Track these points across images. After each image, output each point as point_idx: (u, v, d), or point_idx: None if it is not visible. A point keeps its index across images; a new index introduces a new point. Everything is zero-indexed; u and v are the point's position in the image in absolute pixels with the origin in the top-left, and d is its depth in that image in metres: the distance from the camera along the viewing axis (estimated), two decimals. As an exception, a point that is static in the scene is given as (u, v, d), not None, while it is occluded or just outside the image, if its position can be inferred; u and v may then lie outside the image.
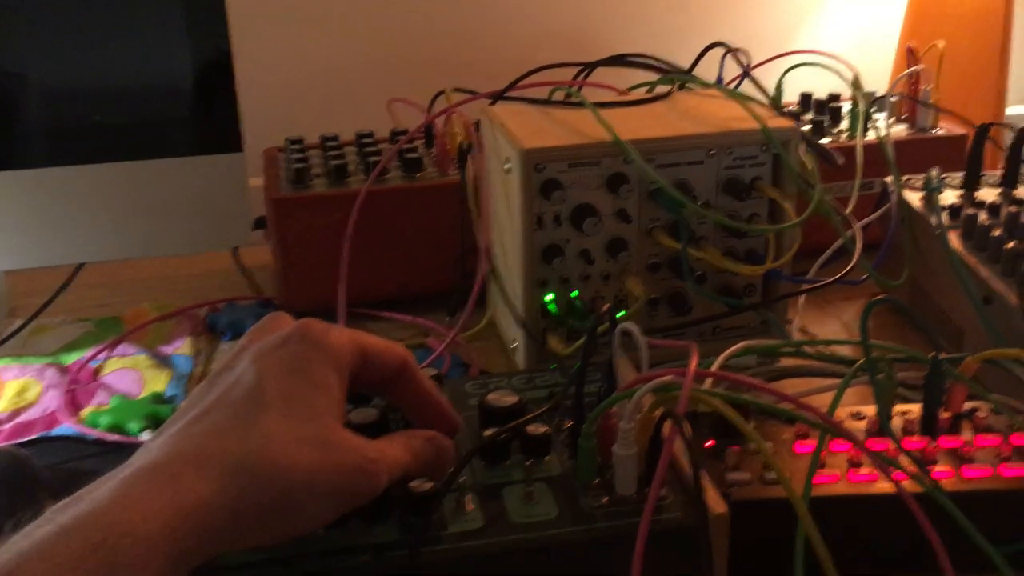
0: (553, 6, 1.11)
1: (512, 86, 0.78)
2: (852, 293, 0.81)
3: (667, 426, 0.45)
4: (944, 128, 0.91)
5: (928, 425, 0.55)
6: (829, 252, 0.76)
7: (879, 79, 1.11)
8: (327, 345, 0.42)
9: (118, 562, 0.33)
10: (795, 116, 0.90)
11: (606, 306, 0.50)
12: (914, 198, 0.76)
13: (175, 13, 0.67)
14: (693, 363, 0.46)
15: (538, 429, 0.50)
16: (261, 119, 0.96)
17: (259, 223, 0.81)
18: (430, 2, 1.08)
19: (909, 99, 0.92)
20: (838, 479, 0.51)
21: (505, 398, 0.53)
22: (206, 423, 0.39)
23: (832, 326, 0.79)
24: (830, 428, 0.47)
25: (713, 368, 0.56)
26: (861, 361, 0.53)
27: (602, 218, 0.67)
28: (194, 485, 0.36)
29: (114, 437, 0.64)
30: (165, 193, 0.70)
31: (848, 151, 0.82)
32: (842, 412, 0.56)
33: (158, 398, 0.68)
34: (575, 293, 0.69)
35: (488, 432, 0.50)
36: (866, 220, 0.76)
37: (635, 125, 0.69)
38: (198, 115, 0.69)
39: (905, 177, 0.79)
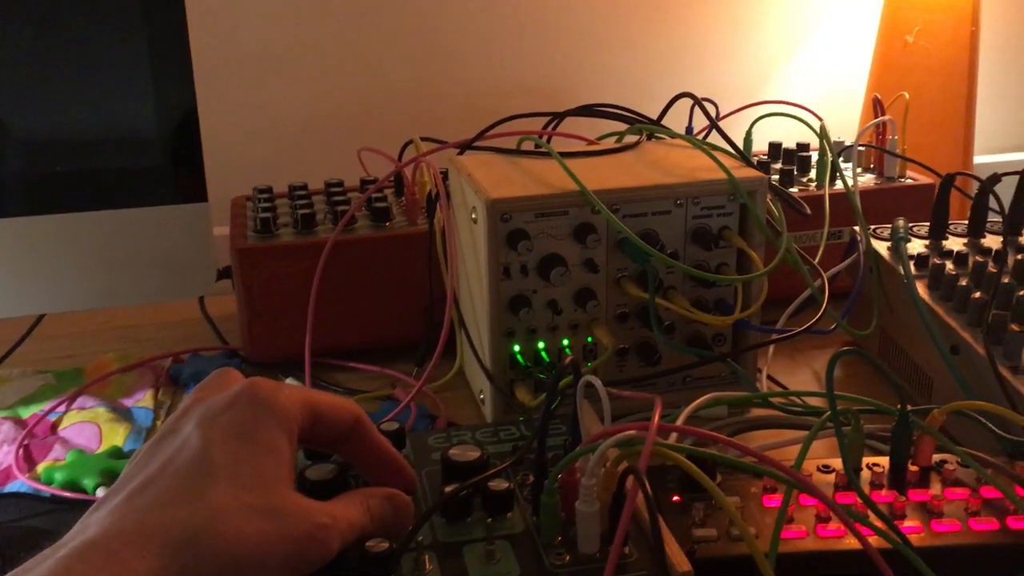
0: (524, 57, 1.12)
1: (480, 136, 0.78)
2: (823, 342, 0.81)
3: (630, 481, 0.44)
4: (911, 178, 0.91)
5: (896, 478, 0.54)
6: (798, 301, 0.76)
7: (848, 129, 1.12)
8: (276, 406, 0.41)
9: None
10: (764, 165, 0.91)
11: (568, 358, 0.50)
12: (882, 247, 0.77)
13: (140, 63, 0.66)
14: (656, 417, 0.46)
15: (500, 485, 0.49)
16: (232, 168, 0.96)
17: (223, 273, 0.80)
18: (403, 52, 1.08)
19: (876, 149, 0.92)
20: (806, 535, 0.50)
21: (467, 453, 0.52)
22: (148, 495, 0.38)
23: (803, 375, 0.79)
24: (796, 483, 0.46)
25: (679, 420, 0.56)
26: (826, 414, 0.52)
27: (570, 268, 0.67)
28: (134, 565, 0.35)
29: (69, 494, 0.63)
30: (128, 243, 0.69)
31: (817, 200, 0.82)
32: (810, 465, 0.56)
33: (116, 453, 0.67)
34: (542, 344, 0.69)
35: (449, 488, 0.49)
36: (834, 270, 0.76)
37: (602, 175, 0.69)
38: (162, 165, 0.69)
39: (873, 227, 0.79)
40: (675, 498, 0.53)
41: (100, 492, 0.62)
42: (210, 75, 0.94)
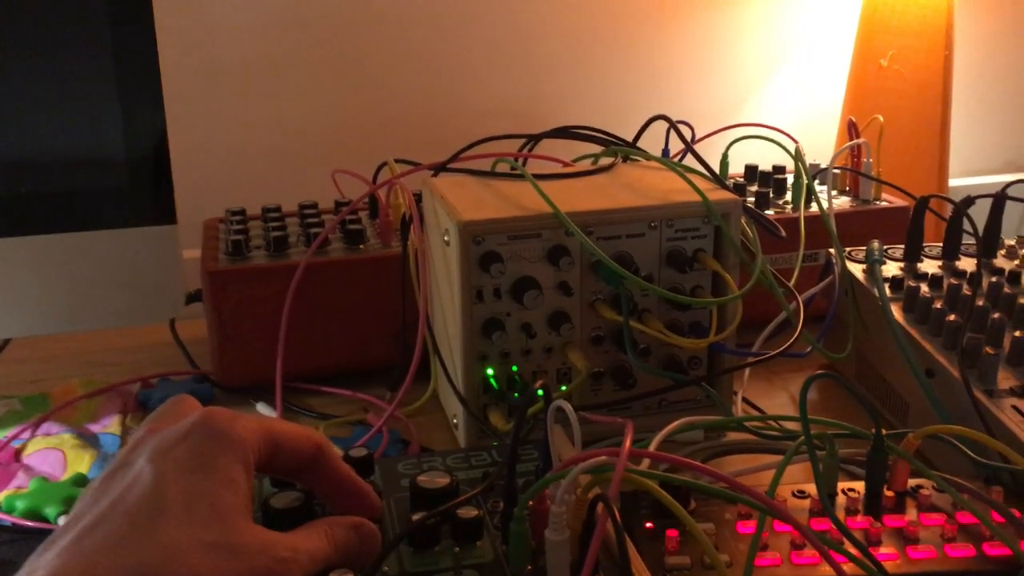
0: (501, 79, 1.12)
1: (454, 158, 0.77)
2: (799, 365, 0.81)
3: (600, 509, 0.43)
4: (887, 200, 0.91)
5: (872, 504, 0.53)
6: (774, 324, 0.76)
7: (824, 152, 1.12)
8: (232, 437, 0.40)
9: None
10: (740, 187, 0.91)
11: (539, 383, 0.49)
12: (857, 270, 0.76)
13: (107, 82, 0.65)
14: (627, 443, 0.45)
15: (469, 513, 0.48)
16: (205, 189, 0.96)
17: (193, 297, 0.79)
18: (378, 73, 1.08)
19: (851, 172, 0.92)
20: (780, 562, 0.49)
21: (437, 479, 0.51)
22: (97, 535, 0.36)
23: (779, 398, 0.78)
24: (769, 510, 0.45)
25: (652, 445, 0.55)
26: (800, 440, 0.52)
27: (543, 291, 0.66)
28: None
29: (31, 523, 0.61)
30: (95, 265, 0.68)
31: (792, 222, 0.82)
32: (785, 490, 0.55)
33: (80, 480, 0.65)
34: (515, 368, 0.68)
35: (416, 516, 0.48)
36: (809, 292, 0.75)
37: (576, 197, 0.68)
38: (130, 186, 0.67)
39: (848, 249, 0.79)
40: (648, 525, 0.52)
41: (62, 521, 0.61)
42: (184, 94, 0.94)
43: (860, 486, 0.55)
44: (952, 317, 0.65)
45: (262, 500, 0.49)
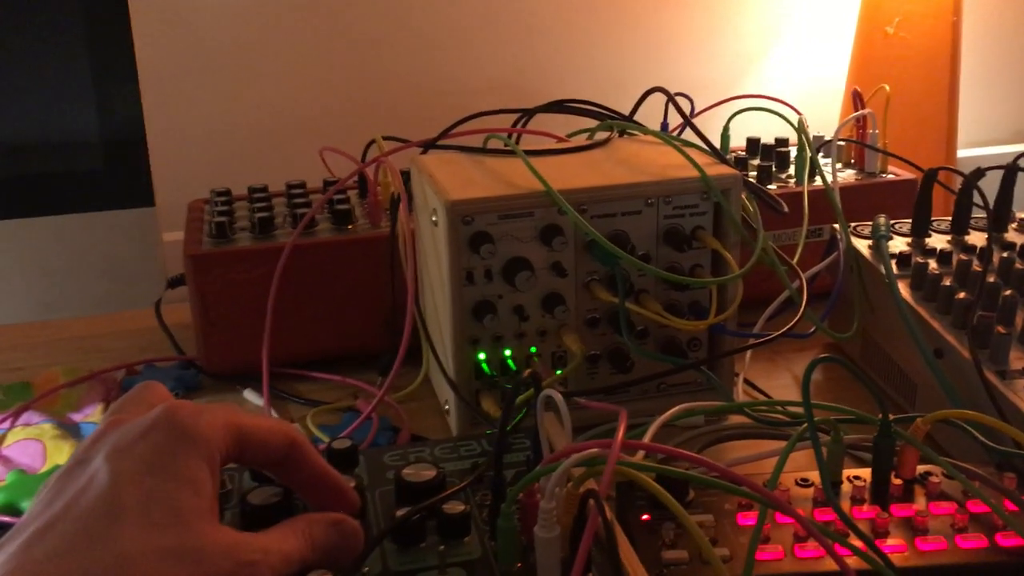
0: (494, 52, 1.09)
1: (444, 134, 0.74)
2: (803, 344, 0.78)
3: (592, 504, 0.41)
4: (893, 173, 0.88)
5: (879, 492, 0.51)
6: (777, 303, 0.73)
7: (828, 123, 1.09)
8: (196, 433, 0.38)
9: None
10: (742, 161, 0.88)
11: (528, 371, 0.46)
12: (863, 246, 0.74)
13: (81, 63, 0.63)
14: (620, 433, 0.43)
15: (455, 508, 0.46)
16: (193, 170, 0.93)
17: (177, 281, 0.76)
18: (371, 49, 1.05)
19: (856, 143, 0.90)
20: (783, 556, 0.47)
21: (423, 472, 0.49)
22: (49, 541, 0.34)
23: (782, 379, 0.76)
24: (770, 503, 0.43)
25: (649, 433, 0.53)
26: (803, 427, 0.49)
27: (536, 272, 0.64)
28: None
29: (7, 518, 0.59)
30: (71, 250, 0.66)
31: (795, 197, 0.79)
32: (788, 478, 0.53)
33: (59, 472, 0.63)
34: (508, 351, 0.66)
35: (400, 512, 0.46)
36: (813, 270, 0.73)
37: (570, 174, 0.65)
38: (105, 169, 0.65)
39: (853, 224, 0.76)
40: (644, 517, 0.49)
41: (39, 516, 0.59)
42: (166, 73, 0.91)
43: (867, 473, 0.53)
44: (962, 295, 0.63)
45: (241, 495, 0.47)
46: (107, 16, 0.62)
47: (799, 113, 0.87)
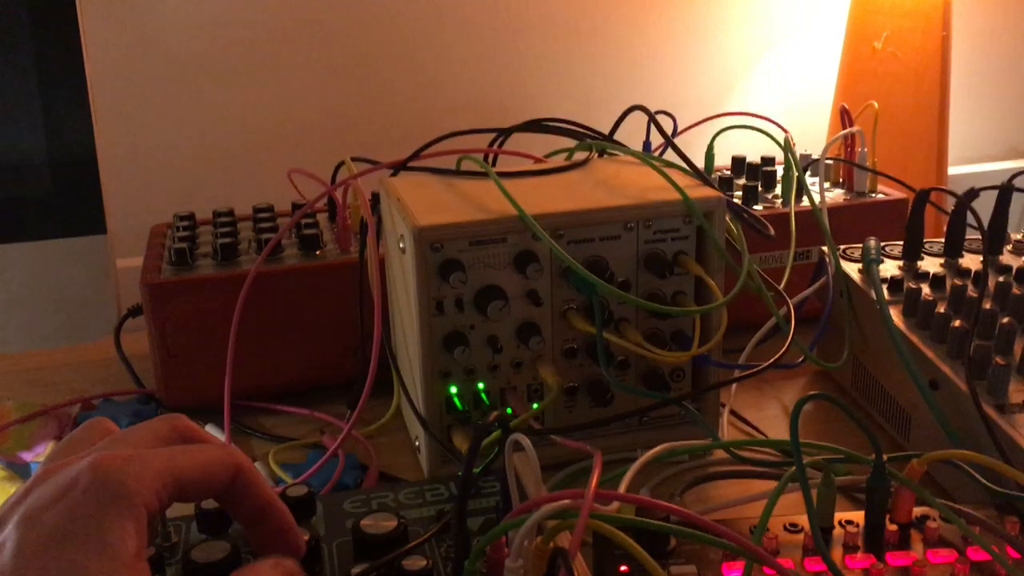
0: (470, 70, 1.06)
1: (416, 155, 0.71)
2: (792, 373, 0.75)
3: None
4: (883, 192, 0.86)
5: (873, 539, 0.48)
6: (764, 329, 0.70)
7: (815, 141, 1.06)
8: (121, 490, 0.34)
9: None
10: (727, 181, 0.85)
11: (495, 414, 0.43)
12: (852, 270, 0.71)
13: (28, 84, 0.59)
14: (593, 482, 0.39)
15: (416, 564, 0.42)
16: (158, 194, 0.89)
17: (136, 310, 0.73)
18: (341, 67, 1.02)
19: (845, 162, 0.87)
20: (770, 611, 0.44)
21: (382, 523, 0.45)
22: None
23: (771, 409, 0.72)
24: (754, 557, 0.40)
25: (625, 480, 0.49)
26: (791, 471, 0.46)
27: (510, 301, 0.60)
28: None
29: (-56, 568, 0.55)
30: (19, 281, 0.62)
31: (782, 218, 0.76)
32: (777, 522, 0.49)
33: (3, 518, 0.59)
34: (481, 385, 0.62)
35: (356, 570, 0.42)
36: (800, 296, 0.70)
37: (545, 197, 0.62)
38: (55, 194, 0.61)
39: (842, 247, 0.73)
40: (623, 568, 0.46)
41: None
42: (124, 90, 0.87)
43: (860, 517, 0.49)
44: (957, 323, 0.60)
45: (186, 549, 0.43)
46: (55, 30, 0.58)
47: (785, 131, 0.84)
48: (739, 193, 0.84)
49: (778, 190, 0.85)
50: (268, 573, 0.38)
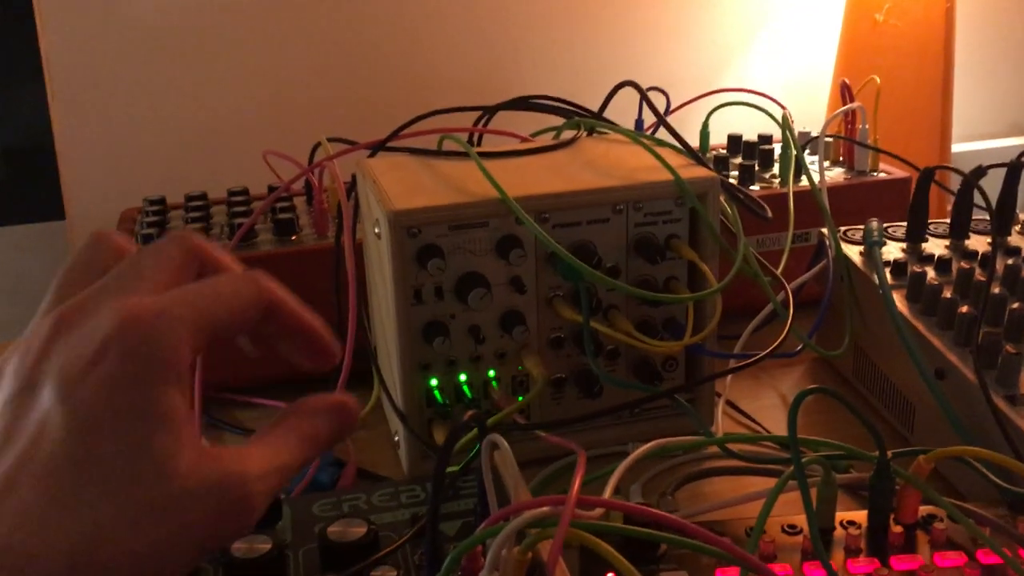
0: (453, 45, 1.02)
1: (395, 135, 0.68)
2: (790, 360, 0.72)
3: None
4: (885, 171, 0.82)
5: (876, 541, 0.45)
6: (761, 316, 0.67)
7: (814, 118, 1.03)
8: (160, 355, 0.31)
9: None
10: (723, 160, 0.82)
11: (469, 412, 0.40)
12: (853, 252, 0.67)
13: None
14: (576, 487, 0.36)
15: (386, 574, 0.39)
16: (132, 177, 0.86)
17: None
18: (321, 40, 0.98)
19: (845, 140, 0.83)
20: (767, 621, 0.41)
21: (351, 530, 0.42)
22: (14, 504, 0.29)
23: (768, 398, 0.69)
24: (748, 565, 0.37)
25: (611, 484, 0.46)
26: (789, 472, 0.43)
27: (492, 288, 0.57)
28: None
29: None
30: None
31: (780, 198, 0.73)
32: (774, 523, 0.46)
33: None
34: (464, 377, 0.59)
35: (322, 581, 0.39)
36: (799, 281, 0.67)
37: (530, 178, 0.59)
38: (10, 178, 0.58)
39: (843, 228, 0.70)
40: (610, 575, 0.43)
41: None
42: (83, 68, 0.83)
43: (863, 516, 0.47)
44: (965, 309, 0.57)
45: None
46: (4, 1, 0.55)
47: (783, 108, 0.80)
48: (735, 172, 0.81)
49: (776, 169, 0.82)
50: (324, 419, 0.36)
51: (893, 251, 0.67)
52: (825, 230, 0.70)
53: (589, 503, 0.38)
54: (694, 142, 0.82)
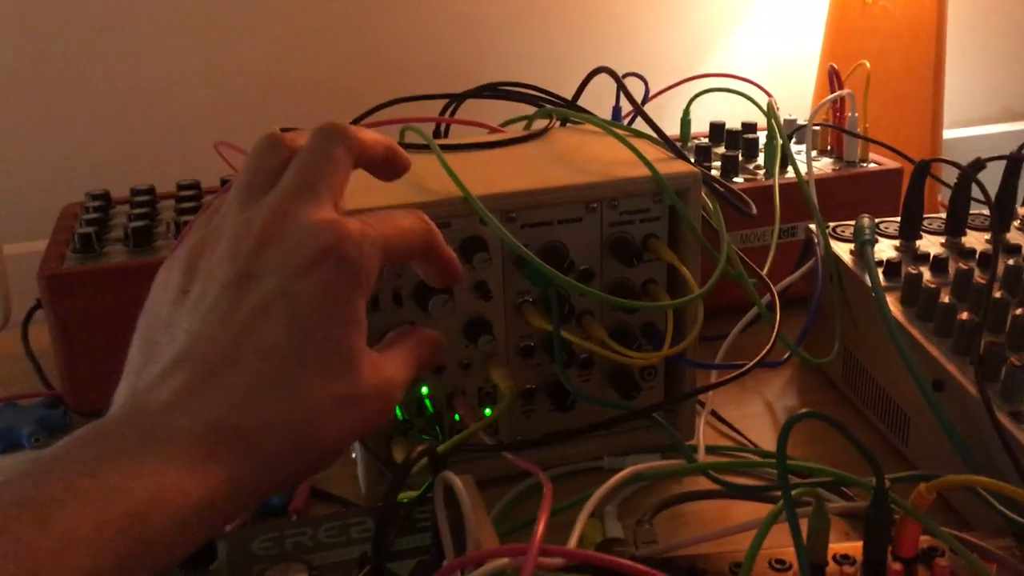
0: (421, 28, 0.97)
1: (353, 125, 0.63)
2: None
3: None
4: (875, 161, 0.78)
5: (873, 579, 0.41)
6: (747, 319, 0.63)
7: (801, 105, 0.99)
8: (362, 273, 0.36)
9: (152, 539, 0.30)
10: (704, 150, 0.77)
11: (420, 448, 0.36)
12: (843, 251, 0.63)
13: None
14: (539, 532, 0.32)
15: (327, 631, 0.35)
16: (57, 171, 0.80)
17: (36, 306, 0.64)
18: (280, 21, 0.93)
19: (834, 128, 0.79)
20: (753, 676, 0.37)
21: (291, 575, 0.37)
22: (237, 377, 0.33)
23: (753, 406, 0.65)
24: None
25: (579, 525, 0.42)
26: (779, 506, 0.39)
27: (455, 294, 0.52)
28: (234, 471, 0.32)
29: None
30: None
31: (766, 191, 0.69)
32: (761, 558, 0.42)
33: None
34: (425, 390, 0.55)
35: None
36: (786, 282, 0.63)
37: (497, 174, 0.54)
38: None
39: (832, 224, 0.66)
40: (580, 621, 0.39)
41: None
42: (15, 46, 0.78)
43: (858, 549, 0.42)
44: (965, 315, 0.52)
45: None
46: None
47: (768, 94, 0.76)
48: (718, 163, 0.76)
49: (761, 160, 0.77)
50: (430, 348, 0.43)
51: (886, 249, 0.63)
52: (813, 226, 0.65)
53: (553, 553, 0.34)
54: (675, 130, 0.78)
